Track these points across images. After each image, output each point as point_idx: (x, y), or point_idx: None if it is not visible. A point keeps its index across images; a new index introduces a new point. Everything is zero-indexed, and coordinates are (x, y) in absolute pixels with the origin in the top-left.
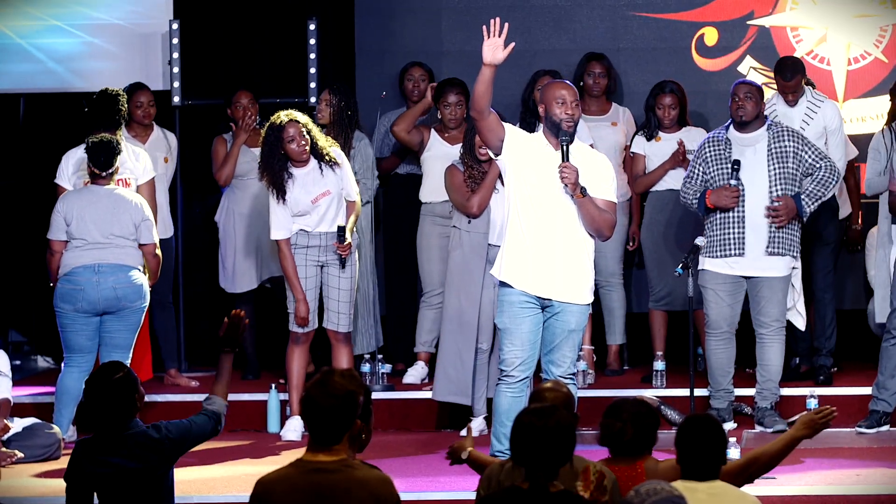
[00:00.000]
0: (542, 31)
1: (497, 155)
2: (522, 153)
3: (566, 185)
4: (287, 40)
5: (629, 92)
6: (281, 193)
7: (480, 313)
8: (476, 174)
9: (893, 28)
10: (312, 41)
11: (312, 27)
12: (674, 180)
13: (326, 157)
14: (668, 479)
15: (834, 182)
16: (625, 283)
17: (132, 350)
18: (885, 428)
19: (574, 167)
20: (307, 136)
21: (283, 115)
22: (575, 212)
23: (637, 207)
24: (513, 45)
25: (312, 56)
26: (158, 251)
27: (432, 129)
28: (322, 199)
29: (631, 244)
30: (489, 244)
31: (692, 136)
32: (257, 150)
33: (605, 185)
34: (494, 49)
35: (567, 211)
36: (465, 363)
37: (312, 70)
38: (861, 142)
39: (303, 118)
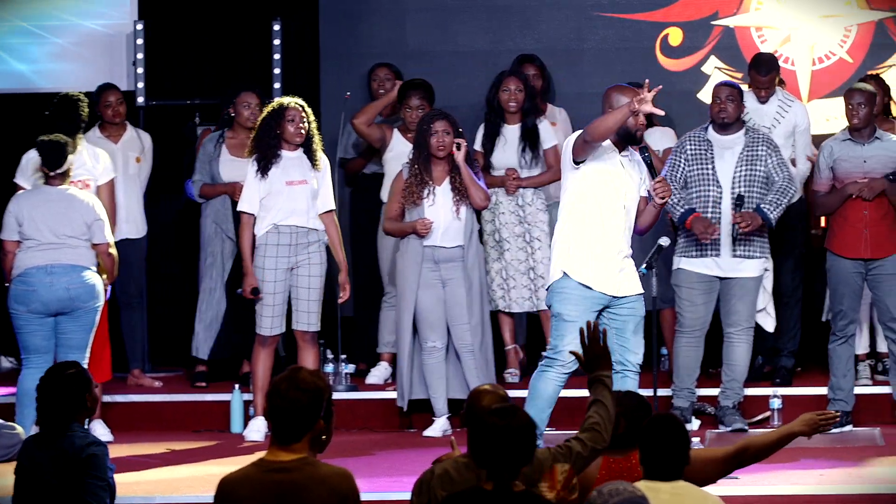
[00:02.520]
0: (507, 31)
1: (577, 165)
2: (601, 158)
3: (661, 199)
4: (251, 41)
5: (592, 92)
6: (264, 169)
7: (419, 314)
8: (425, 178)
9: (858, 28)
10: (277, 42)
11: (277, 28)
12: None
13: (315, 154)
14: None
15: (792, 192)
16: None
17: (89, 350)
18: (848, 428)
19: (669, 183)
20: (305, 124)
21: (290, 98)
22: (631, 211)
23: None
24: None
25: (277, 57)
26: (113, 250)
27: (395, 130)
28: (298, 187)
29: None
30: (427, 245)
31: (657, 137)
32: (242, 161)
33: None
34: (646, 103)
35: (629, 211)
36: (401, 366)
37: (277, 71)
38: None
39: (308, 108)
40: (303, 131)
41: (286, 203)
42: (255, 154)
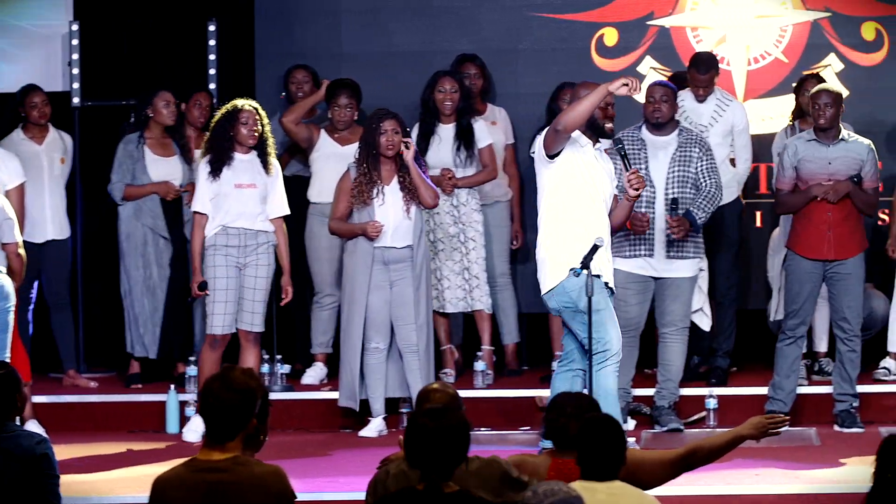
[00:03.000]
0: (442, 32)
1: (552, 159)
2: (576, 151)
3: (635, 191)
4: (187, 42)
5: (527, 93)
6: (216, 170)
7: (368, 314)
8: (374, 177)
9: (793, 28)
10: (212, 42)
11: (212, 28)
12: None
13: (268, 158)
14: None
15: (720, 198)
16: (515, 282)
17: (8, 351)
18: (784, 428)
19: (643, 175)
20: (259, 128)
21: (244, 101)
22: (608, 203)
23: (518, 206)
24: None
25: (212, 57)
26: (21, 251)
27: (322, 129)
28: (247, 190)
29: (515, 243)
30: (377, 247)
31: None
32: (167, 160)
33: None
34: (623, 86)
35: (606, 200)
36: (352, 368)
37: (212, 71)
38: (761, 142)
39: (262, 111)
40: (256, 134)
41: (234, 205)
42: (209, 155)
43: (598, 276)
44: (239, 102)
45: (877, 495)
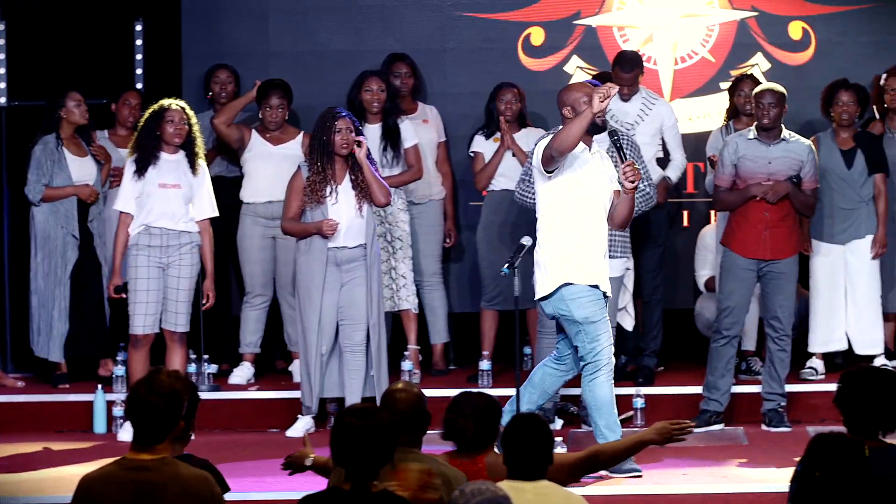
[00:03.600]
0: (369, 31)
1: (550, 171)
2: (574, 160)
3: (630, 183)
4: (114, 41)
5: (456, 92)
6: (141, 169)
7: (321, 316)
8: (328, 175)
9: (720, 28)
10: (139, 42)
11: (139, 28)
12: (508, 181)
13: (195, 158)
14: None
15: (651, 198)
16: (447, 281)
17: None
18: (716, 427)
19: (637, 166)
20: (186, 127)
21: (171, 100)
22: (606, 206)
23: (451, 204)
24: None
25: (139, 57)
26: None
27: (253, 130)
28: (171, 190)
29: (448, 241)
30: (331, 247)
31: (532, 137)
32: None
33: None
34: (604, 100)
35: (605, 206)
36: (311, 368)
37: (139, 71)
38: (688, 141)
39: (190, 111)
40: (182, 133)
41: (157, 205)
42: (135, 154)
43: (596, 287)
44: (166, 102)
45: (802, 494)
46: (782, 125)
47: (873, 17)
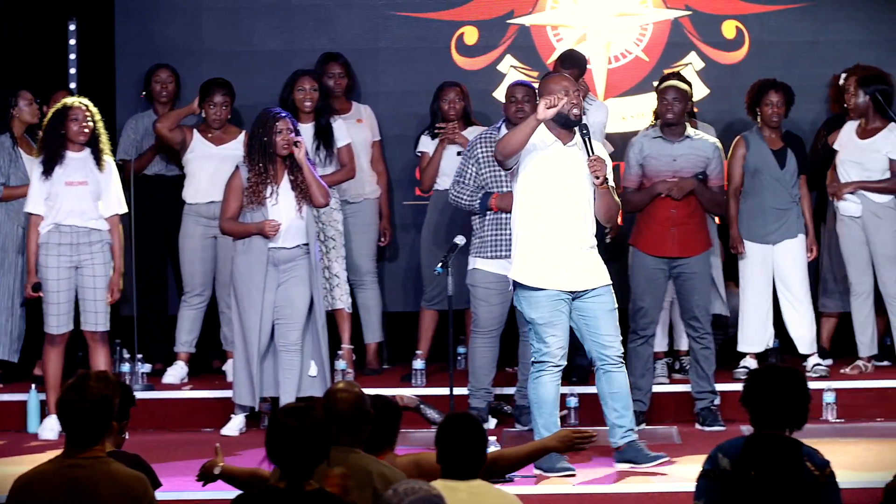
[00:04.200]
0: (302, 31)
1: (508, 169)
2: (535, 156)
3: (597, 178)
4: (47, 41)
5: (389, 91)
6: (48, 169)
7: (262, 316)
8: (268, 176)
9: (654, 27)
10: (73, 41)
11: (73, 27)
12: (449, 182)
13: (100, 155)
14: (408, 474)
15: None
16: (381, 280)
17: None
18: (640, 427)
19: (603, 159)
20: (90, 124)
21: (74, 98)
22: (589, 200)
23: (386, 203)
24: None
25: (73, 56)
26: None
27: (195, 130)
28: (78, 187)
29: (382, 240)
30: (271, 248)
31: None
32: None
33: (610, 172)
34: (550, 108)
35: (583, 200)
36: (252, 367)
37: (73, 70)
38: (622, 140)
39: (93, 108)
40: (86, 130)
41: (66, 203)
42: (42, 154)
43: (543, 288)
44: (69, 100)
45: (736, 492)
46: (687, 124)
47: (807, 16)
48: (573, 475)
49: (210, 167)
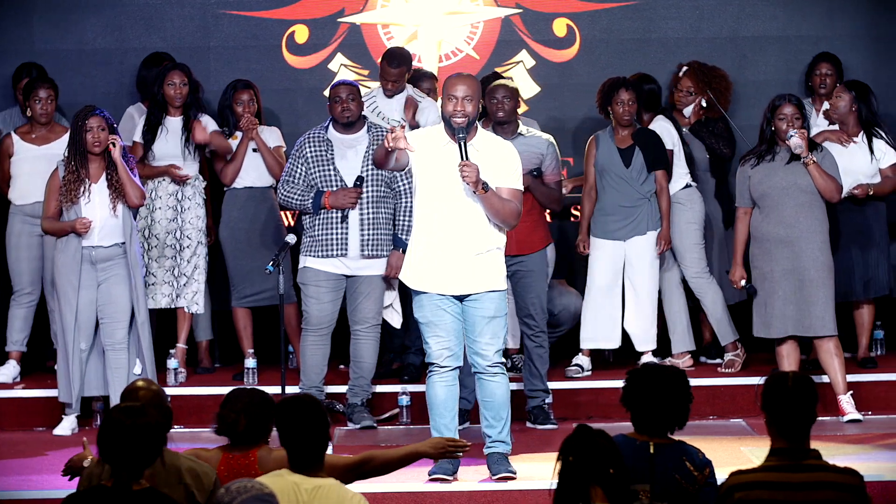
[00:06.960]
0: (132, 29)
1: (403, 170)
2: (425, 157)
3: (468, 184)
4: None
5: (219, 90)
6: None
7: (78, 314)
8: (81, 174)
9: (485, 25)
10: None
11: None
12: (252, 179)
13: None
14: (281, 467)
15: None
16: (210, 279)
17: None
18: (463, 426)
19: (474, 165)
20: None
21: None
22: (480, 205)
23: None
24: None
25: None
26: None
27: (13, 134)
28: None
29: (209, 238)
30: (85, 246)
31: (266, 134)
32: None
33: (508, 174)
34: (398, 141)
35: (472, 205)
36: (70, 365)
37: None
38: None
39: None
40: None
41: None
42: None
43: (424, 291)
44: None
45: (562, 484)
46: (518, 121)
47: (637, 14)
48: (514, 478)
49: (34, 168)
